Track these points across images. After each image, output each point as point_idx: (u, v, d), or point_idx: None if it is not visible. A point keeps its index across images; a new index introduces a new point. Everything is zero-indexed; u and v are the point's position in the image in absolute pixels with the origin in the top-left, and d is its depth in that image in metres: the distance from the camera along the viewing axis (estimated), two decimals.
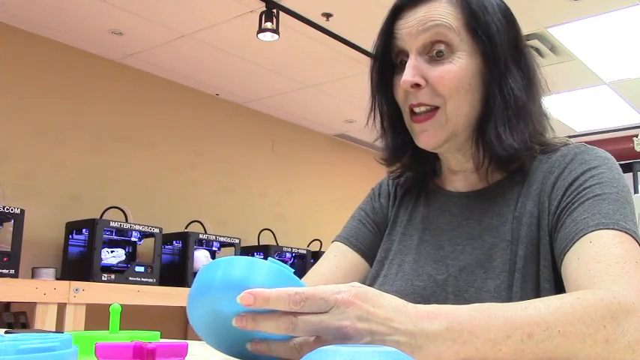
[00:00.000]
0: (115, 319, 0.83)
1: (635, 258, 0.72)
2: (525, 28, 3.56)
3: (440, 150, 0.92)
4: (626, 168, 5.96)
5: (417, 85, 0.86)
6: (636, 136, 3.20)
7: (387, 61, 0.93)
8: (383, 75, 0.94)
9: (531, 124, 0.88)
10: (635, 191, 5.77)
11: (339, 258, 1.03)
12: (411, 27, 0.88)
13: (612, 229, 0.75)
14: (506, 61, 0.87)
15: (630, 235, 0.75)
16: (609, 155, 0.87)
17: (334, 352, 0.44)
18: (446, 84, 0.86)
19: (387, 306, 0.57)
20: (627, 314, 0.64)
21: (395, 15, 0.91)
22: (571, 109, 4.87)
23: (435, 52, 0.86)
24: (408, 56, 0.88)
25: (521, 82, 0.88)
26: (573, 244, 0.77)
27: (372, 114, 0.97)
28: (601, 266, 0.71)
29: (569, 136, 5.29)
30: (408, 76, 0.86)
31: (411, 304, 0.59)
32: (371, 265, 1.02)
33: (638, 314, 0.64)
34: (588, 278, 0.71)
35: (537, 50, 3.72)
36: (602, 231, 0.75)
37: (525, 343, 0.59)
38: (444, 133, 0.88)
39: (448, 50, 0.86)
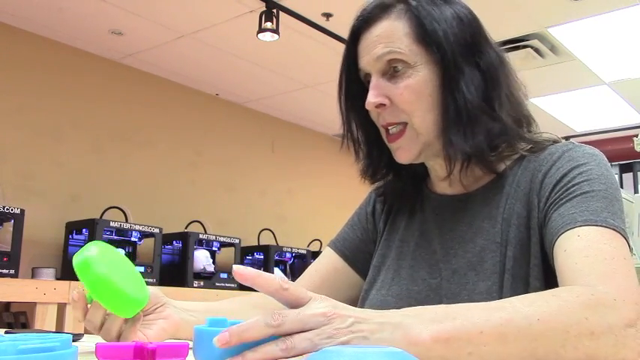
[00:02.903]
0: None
1: (623, 255, 0.72)
2: (525, 28, 3.55)
3: (417, 161, 0.93)
4: (626, 168, 5.96)
5: (381, 105, 0.88)
6: (636, 136, 3.20)
7: (355, 83, 0.95)
8: (352, 98, 0.97)
9: (494, 124, 0.87)
10: (635, 191, 5.77)
11: (321, 262, 1.08)
12: (369, 52, 0.90)
13: (601, 226, 0.75)
14: (458, 64, 0.87)
15: (618, 232, 0.75)
16: (597, 152, 0.86)
17: (338, 353, 0.44)
18: (407, 100, 0.87)
19: (366, 311, 0.58)
20: (609, 309, 0.63)
21: (354, 38, 0.94)
22: (571, 109, 4.87)
23: (393, 69, 0.89)
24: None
25: (477, 82, 0.88)
26: (560, 235, 0.76)
27: (346, 137, 1.00)
28: (589, 261, 0.71)
29: (569, 136, 5.31)
30: (370, 97, 0.88)
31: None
32: (353, 268, 1.06)
33: (621, 310, 0.64)
34: (574, 272, 0.71)
35: (537, 50, 3.72)
36: (590, 227, 0.75)
37: (506, 327, 0.59)
38: (417, 147, 0.90)
39: (405, 66, 0.88)
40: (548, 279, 0.80)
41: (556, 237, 0.77)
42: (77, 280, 0.74)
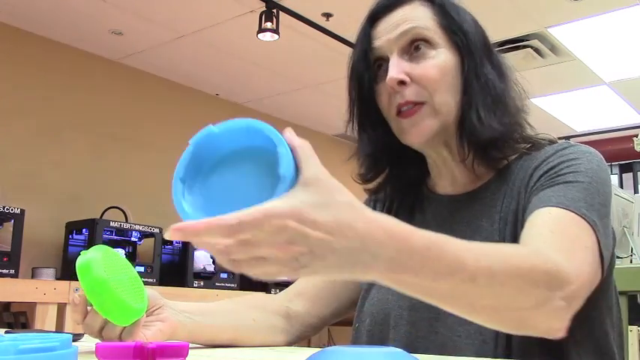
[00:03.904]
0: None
1: (586, 242, 0.74)
2: (525, 28, 3.54)
3: (429, 145, 0.92)
4: (626, 168, 5.96)
5: (402, 83, 0.87)
6: (636, 136, 3.19)
7: (366, 71, 0.93)
8: (363, 84, 0.94)
9: (509, 112, 0.90)
10: (635, 191, 5.77)
11: None
12: (389, 32, 0.89)
13: (573, 212, 0.75)
14: (480, 55, 0.90)
15: (589, 224, 0.75)
16: (593, 150, 0.87)
17: (339, 353, 0.44)
18: (430, 78, 0.87)
19: (329, 222, 0.51)
20: (563, 283, 0.65)
21: (371, 23, 0.93)
22: (571, 109, 4.87)
23: (414, 48, 0.88)
24: (387, 62, 0.89)
25: (495, 74, 0.90)
26: (532, 213, 0.78)
27: (352, 124, 0.98)
28: (554, 236, 0.72)
29: (569, 136, 5.31)
30: (392, 73, 0.87)
31: (361, 219, 0.53)
32: None
33: (572, 285, 0.66)
34: (537, 240, 0.72)
35: (537, 50, 3.73)
36: (562, 210, 0.76)
37: (465, 284, 0.59)
38: (435, 125, 0.88)
39: (428, 46, 0.89)
40: None
41: (529, 215, 0.78)
42: (76, 280, 0.74)
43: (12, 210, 2.82)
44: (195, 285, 3.52)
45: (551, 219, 0.75)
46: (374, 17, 0.92)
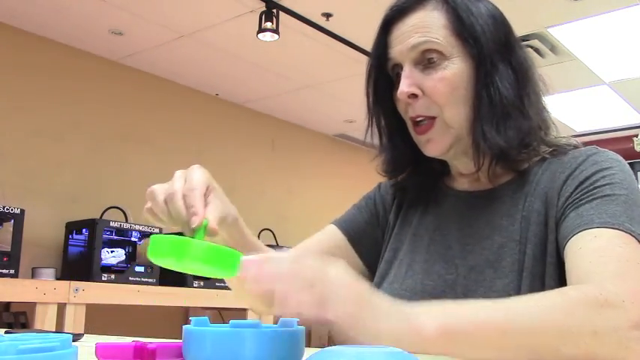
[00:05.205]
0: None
1: (637, 259, 0.72)
2: (525, 28, 3.53)
3: (447, 156, 0.93)
4: None
5: (413, 96, 0.88)
6: (636, 136, 3.20)
7: (383, 75, 0.94)
8: (379, 90, 0.95)
9: (524, 122, 0.88)
10: None
11: (323, 235, 1.06)
12: (402, 42, 0.89)
13: (617, 229, 0.75)
14: (493, 60, 0.88)
15: (635, 237, 0.75)
16: (621, 157, 0.87)
17: (339, 353, 0.44)
18: (441, 92, 0.87)
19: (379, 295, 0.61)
20: (616, 310, 0.64)
21: (385, 28, 0.93)
22: (571, 109, 4.86)
23: (428, 60, 0.88)
24: (402, 68, 0.90)
25: (510, 80, 0.88)
26: (575, 234, 0.77)
27: (370, 129, 0.99)
28: (602, 261, 0.72)
29: (569, 137, 5.30)
30: (403, 86, 0.87)
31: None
32: (355, 249, 1.04)
33: (629, 312, 0.64)
34: (587, 271, 0.72)
35: (537, 50, 3.72)
36: (607, 229, 0.75)
37: (509, 324, 0.61)
38: (449, 139, 0.89)
39: (440, 57, 0.88)
40: (563, 278, 0.81)
41: (571, 235, 0.78)
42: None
43: (12, 210, 2.82)
44: (195, 285, 3.51)
45: (597, 243, 0.74)
46: (388, 23, 0.92)
